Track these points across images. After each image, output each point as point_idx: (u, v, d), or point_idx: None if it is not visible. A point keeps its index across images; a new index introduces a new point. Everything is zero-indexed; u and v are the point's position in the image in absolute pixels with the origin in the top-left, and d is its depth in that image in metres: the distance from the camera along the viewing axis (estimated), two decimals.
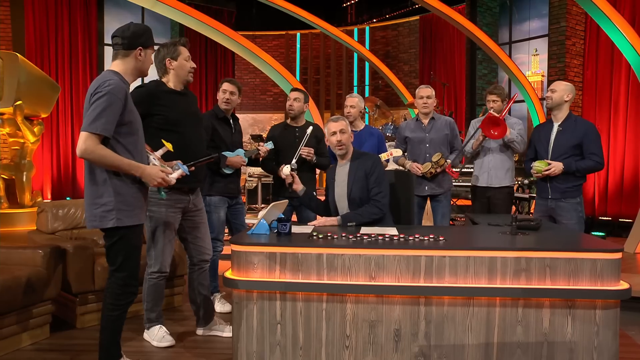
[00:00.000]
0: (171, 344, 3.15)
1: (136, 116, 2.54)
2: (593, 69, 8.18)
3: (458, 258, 2.38)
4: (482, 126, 4.17)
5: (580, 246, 2.50)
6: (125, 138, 2.46)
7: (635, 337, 3.48)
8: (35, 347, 3.14)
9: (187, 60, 3.10)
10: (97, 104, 2.35)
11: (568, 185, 3.78)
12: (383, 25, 12.51)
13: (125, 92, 2.45)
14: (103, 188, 2.43)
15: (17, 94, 7.77)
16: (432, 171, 4.07)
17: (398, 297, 2.41)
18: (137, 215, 2.52)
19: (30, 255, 3.18)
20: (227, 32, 8.93)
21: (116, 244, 2.50)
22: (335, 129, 3.19)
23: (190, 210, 3.17)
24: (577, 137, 3.74)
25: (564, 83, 3.85)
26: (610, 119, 7.95)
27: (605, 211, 7.98)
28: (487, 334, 2.39)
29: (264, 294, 2.46)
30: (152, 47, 2.61)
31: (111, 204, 2.43)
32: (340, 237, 2.59)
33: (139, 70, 2.57)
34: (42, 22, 9.51)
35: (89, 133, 2.33)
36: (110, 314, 2.53)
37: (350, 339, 2.44)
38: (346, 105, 4.34)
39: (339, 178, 3.28)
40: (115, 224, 2.44)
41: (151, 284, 3.16)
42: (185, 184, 2.97)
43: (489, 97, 4.34)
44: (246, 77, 12.64)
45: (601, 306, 2.35)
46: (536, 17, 9.62)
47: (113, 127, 2.38)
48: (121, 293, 2.53)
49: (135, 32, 2.52)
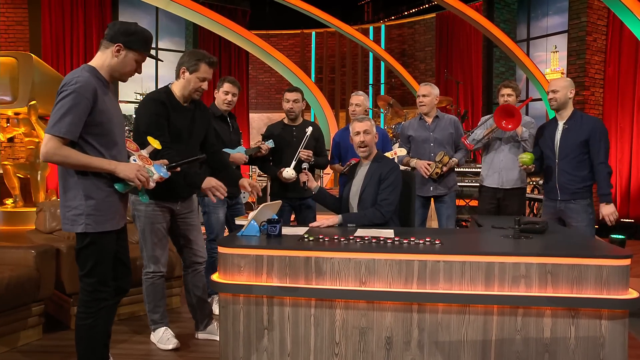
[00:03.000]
0: (176, 347, 3.09)
1: (109, 116, 2.35)
2: (615, 65, 7.91)
3: (453, 263, 2.25)
4: (495, 115, 3.91)
5: (585, 251, 2.34)
6: (97, 139, 2.31)
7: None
8: (27, 349, 3.10)
9: (200, 80, 2.95)
10: (61, 104, 2.19)
11: (578, 186, 3.61)
12: (399, 23, 12.35)
13: (94, 90, 2.25)
14: (74, 191, 2.30)
15: (32, 94, 7.85)
16: (438, 171, 3.92)
17: (389, 303, 2.28)
18: (109, 222, 2.37)
19: (23, 255, 3.14)
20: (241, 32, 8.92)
21: (86, 248, 2.35)
22: (359, 128, 3.14)
23: (180, 213, 3.10)
24: (584, 135, 3.58)
25: (562, 79, 3.68)
26: (633, 117, 7.68)
27: (627, 213, 7.71)
28: (484, 344, 2.26)
29: (250, 298, 2.36)
30: (138, 52, 2.38)
31: (81, 208, 2.29)
32: (332, 239, 2.48)
33: (113, 69, 2.37)
34: (58, 23, 9.62)
35: (51, 135, 2.18)
36: (83, 323, 2.38)
37: (339, 346, 2.33)
38: (351, 103, 4.24)
39: (357, 177, 3.26)
40: (85, 230, 2.30)
41: (148, 284, 3.12)
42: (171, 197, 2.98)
43: (503, 91, 4.12)
44: (261, 76, 12.62)
45: (607, 316, 2.19)
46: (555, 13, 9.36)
47: (79, 128, 2.21)
48: (90, 300, 2.38)
49: (124, 29, 2.35)
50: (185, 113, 3.01)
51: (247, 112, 12.01)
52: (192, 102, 3.07)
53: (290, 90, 3.94)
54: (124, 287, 2.63)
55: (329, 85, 12.61)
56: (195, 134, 3.08)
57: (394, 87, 11.70)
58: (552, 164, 3.71)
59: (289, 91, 3.93)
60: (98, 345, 2.45)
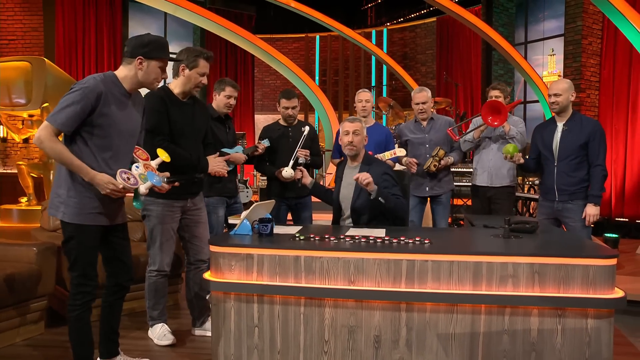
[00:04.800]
0: (171, 343, 3.05)
1: (113, 122, 2.36)
2: (610, 68, 7.79)
3: (441, 262, 2.19)
4: (482, 111, 3.86)
5: (572, 251, 2.27)
6: (95, 140, 2.34)
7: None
8: (28, 343, 3.08)
9: (200, 75, 2.95)
10: (66, 98, 2.27)
11: (576, 187, 3.54)
12: (401, 27, 12.26)
13: (99, 93, 2.29)
14: (62, 180, 2.36)
15: (45, 96, 7.86)
16: (435, 163, 3.84)
17: (378, 302, 2.23)
18: (88, 216, 2.36)
19: (25, 252, 3.12)
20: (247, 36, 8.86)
21: (67, 242, 2.38)
22: (349, 128, 3.05)
23: (189, 210, 3.07)
24: (584, 137, 3.49)
25: (563, 82, 3.58)
26: (628, 119, 7.56)
27: (622, 212, 7.59)
28: (472, 343, 2.20)
29: (241, 296, 2.32)
30: (159, 59, 2.43)
31: (63, 197, 2.35)
32: (322, 239, 2.42)
33: (139, 80, 2.42)
34: (71, 29, 9.66)
35: (47, 123, 2.26)
36: (71, 314, 2.40)
37: (329, 344, 2.27)
38: (361, 99, 4.06)
39: (346, 179, 3.14)
40: (62, 217, 2.35)
41: (151, 282, 3.08)
42: (182, 195, 2.96)
43: (491, 93, 4.05)
44: (267, 78, 12.58)
45: (593, 315, 2.12)
46: (552, 17, 9.24)
47: (73, 124, 2.26)
48: (76, 293, 2.40)
49: (140, 42, 2.41)
50: (185, 108, 3.00)
51: (253, 113, 11.97)
52: (191, 98, 3.06)
53: (288, 97, 3.77)
54: (123, 284, 2.61)
55: (333, 87, 12.55)
56: (196, 128, 3.06)
57: (396, 89, 11.62)
58: (550, 165, 3.61)
59: (286, 98, 3.77)
60: (86, 337, 2.44)
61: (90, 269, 2.41)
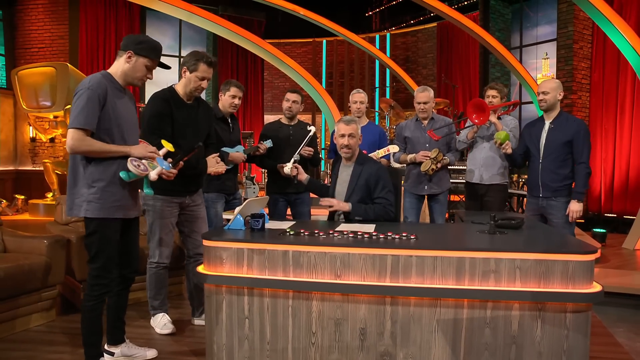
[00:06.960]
0: (171, 332, 3.01)
1: (119, 112, 2.36)
2: (600, 71, 7.63)
3: (425, 258, 2.11)
4: (467, 109, 3.78)
5: (552, 247, 2.17)
6: (107, 132, 2.33)
7: (620, 335, 3.11)
8: (41, 328, 3.07)
9: (199, 79, 2.88)
10: (77, 103, 2.28)
11: (559, 184, 3.44)
12: (403, 32, 12.12)
13: (104, 87, 2.30)
14: (82, 181, 2.32)
15: (68, 99, 7.87)
16: (434, 167, 3.74)
17: (364, 296, 2.15)
18: (109, 209, 2.34)
19: (37, 244, 3.10)
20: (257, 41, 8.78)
21: (91, 235, 2.35)
22: (345, 131, 2.90)
23: (188, 206, 3.02)
24: (568, 135, 3.39)
25: (552, 81, 3.48)
26: (616, 120, 7.40)
27: (610, 208, 7.44)
28: (454, 336, 2.11)
29: (232, 289, 2.26)
30: (147, 58, 2.41)
31: (85, 195, 2.31)
32: (312, 234, 2.35)
33: (126, 74, 2.40)
34: (93, 37, 9.72)
35: (74, 129, 2.24)
36: (85, 304, 2.38)
37: (316, 336, 2.20)
38: (355, 101, 3.91)
39: (341, 177, 3.04)
40: (85, 214, 2.31)
41: (151, 273, 3.05)
42: (181, 192, 2.93)
43: (488, 92, 3.93)
44: (277, 80, 12.50)
45: (572, 309, 2.03)
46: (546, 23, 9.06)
47: (95, 120, 2.27)
48: (94, 284, 2.37)
49: (134, 39, 2.41)
50: (188, 109, 2.94)
51: (262, 114, 11.91)
52: (195, 100, 3.01)
53: (292, 91, 3.80)
54: (128, 276, 2.59)
55: (339, 89, 12.43)
56: (199, 129, 3.00)
57: (398, 91, 11.49)
58: (535, 161, 3.53)
59: (290, 92, 3.79)
60: (96, 327, 2.41)
61: (109, 262, 2.40)
